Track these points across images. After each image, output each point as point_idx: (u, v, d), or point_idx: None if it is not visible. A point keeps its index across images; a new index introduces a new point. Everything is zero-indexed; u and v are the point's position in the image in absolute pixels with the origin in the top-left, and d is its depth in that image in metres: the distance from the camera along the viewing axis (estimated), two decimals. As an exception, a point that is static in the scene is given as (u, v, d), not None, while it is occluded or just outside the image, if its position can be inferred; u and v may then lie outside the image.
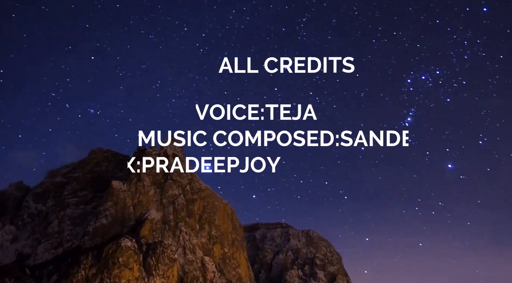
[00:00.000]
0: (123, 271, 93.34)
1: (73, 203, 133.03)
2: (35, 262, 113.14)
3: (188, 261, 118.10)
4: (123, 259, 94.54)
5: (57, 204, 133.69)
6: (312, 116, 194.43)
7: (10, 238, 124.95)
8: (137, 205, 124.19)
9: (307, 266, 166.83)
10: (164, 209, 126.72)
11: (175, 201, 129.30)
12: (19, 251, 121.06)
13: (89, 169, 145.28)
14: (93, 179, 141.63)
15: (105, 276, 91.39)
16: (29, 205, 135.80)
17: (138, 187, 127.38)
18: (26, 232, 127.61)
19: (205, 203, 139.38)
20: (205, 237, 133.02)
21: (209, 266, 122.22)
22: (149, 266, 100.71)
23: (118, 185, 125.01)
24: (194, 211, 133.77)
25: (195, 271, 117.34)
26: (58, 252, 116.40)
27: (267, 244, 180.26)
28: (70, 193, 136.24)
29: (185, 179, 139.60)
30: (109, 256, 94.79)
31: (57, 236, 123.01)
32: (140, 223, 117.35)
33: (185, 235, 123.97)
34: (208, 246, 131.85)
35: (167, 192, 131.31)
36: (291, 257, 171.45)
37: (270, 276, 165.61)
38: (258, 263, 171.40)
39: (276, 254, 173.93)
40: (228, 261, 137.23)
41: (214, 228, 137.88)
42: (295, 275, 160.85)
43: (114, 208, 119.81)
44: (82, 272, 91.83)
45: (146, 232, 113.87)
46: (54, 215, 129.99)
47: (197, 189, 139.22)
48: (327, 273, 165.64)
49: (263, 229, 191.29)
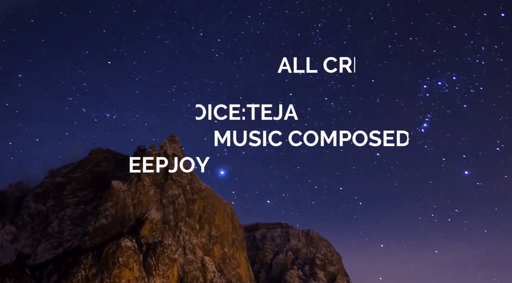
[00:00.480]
0: (123, 271, 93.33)
1: (73, 203, 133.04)
2: (35, 262, 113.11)
3: (188, 261, 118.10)
4: (123, 259, 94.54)
5: (57, 204, 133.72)
6: (326, 122, 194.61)
7: (10, 238, 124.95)
8: (137, 205, 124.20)
9: (307, 266, 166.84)
10: (164, 209, 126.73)
11: (175, 201, 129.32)
12: (19, 251, 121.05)
13: (89, 169, 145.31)
14: (93, 179, 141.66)
15: (105, 276, 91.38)
16: (29, 205, 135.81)
17: (138, 187, 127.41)
18: (26, 232, 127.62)
19: (205, 203, 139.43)
20: (205, 237, 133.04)
21: (209, 266, 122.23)
22: (149, 266, 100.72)
23: (118, 185, 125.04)
24: (194, 211, 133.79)
25: (195, 271, 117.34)
26: (58, 252, 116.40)
27: (267, 244, 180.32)
28: (70, 193, 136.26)
29: (185, 179, 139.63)
30: (109, 256, 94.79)
31: (57, 236, 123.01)
32: (140, 223, 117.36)
33: (185, 235, 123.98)
34: (208, 246, 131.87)
35: (167, 192, 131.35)
36: (291, 257, 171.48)
37: (270, 276, 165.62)
38: (258, 263, 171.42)
39: (276, 254, 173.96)
40: (228, 261, 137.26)
41: (214, 228, 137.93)
42: (295, 275, 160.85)
43: (114, 208, 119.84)
44: (82, 272, 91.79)
45: (146, 232, 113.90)
46: (54, 215, 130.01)
47: (197, 189, 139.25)
48: (327, 273, 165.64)
49: (263, 229, 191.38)
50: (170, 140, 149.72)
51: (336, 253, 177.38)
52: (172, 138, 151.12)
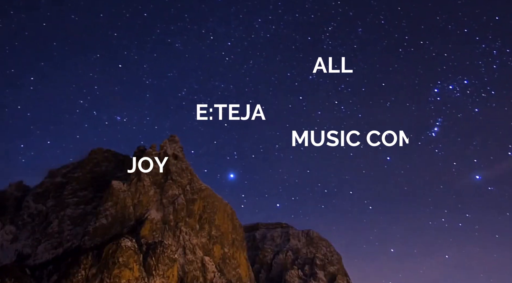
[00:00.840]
0: (123, 271, 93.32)
1: (73, 203, 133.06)
2: (35, 262, 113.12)
3: (188, 261, 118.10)
4: (123, 259, 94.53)
5: (57, 204, 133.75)
6: (336, 125, 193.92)
7: (10, 238, 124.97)
8: (137, 205, 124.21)
9: (307, 266, 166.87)
10: (164, 209, 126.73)
11: (175, 201, 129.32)
12: (19, 251, 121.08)
13: (89, 169, 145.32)
14: (93, 179, 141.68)
15: (105, 276, 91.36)
16: (29, 205, 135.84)
17: (138, 187, 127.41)
18: (26, 232, 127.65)
19: (205, 203, 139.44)
20: (205, 237, 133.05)
21: (209, 266, 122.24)
22: (149, 266, 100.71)
23: (118, 185, 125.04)
24: (194, 211, 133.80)
25: (195, 271, 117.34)
26: (58, 252, 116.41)
27: (267, 244, 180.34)
28: (70, 193, 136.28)
29: (185, 179, 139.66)
30: (109, 256, 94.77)
31: (57, 236, 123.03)
32: (140, 223, 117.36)
33: (185, 235, 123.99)
34: (208, 246, 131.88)
35: (167, 192, 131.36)
36: (291, 257, 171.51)
37: (270, 276, 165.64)
38: (258, 263, 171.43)
39: (276, 254, 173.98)
40: (228, 261, 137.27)
41: (214, 228, 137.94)
42: (295, 275, 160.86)
43: (114, 208, 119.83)
44: (82, 272, 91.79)
45: (146, 232, 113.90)
46: (54, 215, 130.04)
47: (197, 189, 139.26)
48: (327, 273, 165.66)
49: (263, 229, 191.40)
50: (170, 140, 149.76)
51: (336, 253, 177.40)
52: (172, 138, 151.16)
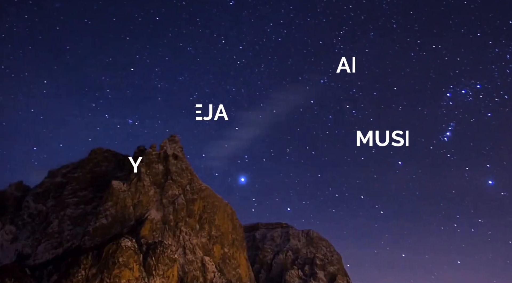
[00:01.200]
0: (123, 271, 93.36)
1: (73, 203, 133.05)
2: (35, 262, 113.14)
3: (188, 261, 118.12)
4: (123, 259, 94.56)
5: (57, 204, 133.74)
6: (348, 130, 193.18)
7: (10, 238, 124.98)
8: (137, 205, 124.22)
9: (307, 266, 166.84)
10: (164, 209, 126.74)
11: (175, 201, 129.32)
12: (19, 251, 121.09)
13: (89, 169, 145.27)
14: (93, 179, 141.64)
15: (105, 276, 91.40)
16: (29, 205, 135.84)
17: (138, 187, 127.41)
18: (26, 232, 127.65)
19: (205, 203, 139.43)
20: (205, 237, 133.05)
21: (209, 266, 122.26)
22: (149, 266, 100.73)
23: (118, 185, 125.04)
24: (194, 211, 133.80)
25: (195, 271, 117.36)
26: (58, 252, 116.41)
27: (267, 244, 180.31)
28: (70, 193, 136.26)
29: (185, 179, 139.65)
30: (109, 256, 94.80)
31: (57, 236, 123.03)
32: (140, 223, 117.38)
33: (185, 235, 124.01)
34: (208, 246, 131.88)
35: (167, 192, 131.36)
36: (291, 257, 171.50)
37: (270, 276, 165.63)
38: (258, 263, 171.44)
39: (276, 254, 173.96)
40: (228, 261, 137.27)
41: (214, 228, 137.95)
42: (295, 275, 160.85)
43: (114, 208, 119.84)
44: (82, 272, 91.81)
45: (146, 232, 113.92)
46: (54, 215, 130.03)
47: (197, 189, 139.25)
48: (327, 273, 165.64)
49: (263, 229, 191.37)
50: (170, 140, 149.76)
51: (336, 253, 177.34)
52: (172, 138, 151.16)
